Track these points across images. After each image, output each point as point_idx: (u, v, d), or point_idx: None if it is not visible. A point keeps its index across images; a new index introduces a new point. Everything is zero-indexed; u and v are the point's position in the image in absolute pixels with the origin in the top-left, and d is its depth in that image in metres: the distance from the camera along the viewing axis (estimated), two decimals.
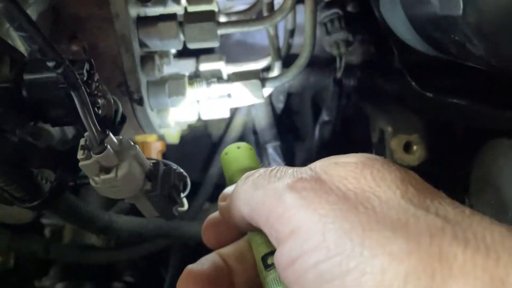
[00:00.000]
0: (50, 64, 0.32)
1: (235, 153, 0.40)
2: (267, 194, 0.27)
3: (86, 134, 0.36)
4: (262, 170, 0.29)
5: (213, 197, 0.87)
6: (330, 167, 0.26)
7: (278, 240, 0.25)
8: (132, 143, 0.38)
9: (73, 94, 0.33)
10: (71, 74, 0.33)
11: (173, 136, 0.68)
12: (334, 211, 0.23)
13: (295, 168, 0.28)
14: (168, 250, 0.88)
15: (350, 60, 0.69)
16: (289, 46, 0.65)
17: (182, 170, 0.44)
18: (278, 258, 0.25)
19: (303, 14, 0.51)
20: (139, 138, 0.68)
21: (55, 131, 0.47)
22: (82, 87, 0.33)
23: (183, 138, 0.74)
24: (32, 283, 0.79)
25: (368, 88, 0.77)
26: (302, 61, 0.51)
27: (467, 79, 0.36)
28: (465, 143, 0.74)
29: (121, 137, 0.38)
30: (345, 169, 0.26)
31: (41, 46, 0.31)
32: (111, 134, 0.36)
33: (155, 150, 0.68)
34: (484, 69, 0.43)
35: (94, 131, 0.35)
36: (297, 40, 0.66)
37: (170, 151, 0.75)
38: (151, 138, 0.67)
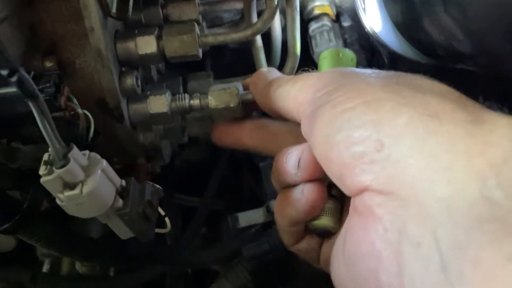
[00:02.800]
0: (4, 72, 0.30)
1: (334, 59, 0.41)
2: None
3: (50, 148, 0.35)
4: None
5: (209, 223, 0.83)
6: None
7: None
8: (100, 158, 0.36)
9: (30, 104, 0.31)
10: (27, 82, 0.31)
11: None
12: None
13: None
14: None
15: None
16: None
17: (158, 186, 0.41)
18: None
19: None
20: None
21: (30, 149, 0.45)
22: (40, 96, 0.32)
23: (175, 159, 0.72)
24: None
25: None
26: (286, 72, 0.49)
27: (461, 86, 0.33)
28: None
29: (88, 151, 0.36)
30: None
31: None
32: (75, 148, 0.34)
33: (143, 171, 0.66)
34: (475, 70, 0.41)
35: (56, 143, 0.33)
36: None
37: (159, 175, 0.73)
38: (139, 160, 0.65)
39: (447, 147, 0.26)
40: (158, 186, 0.44)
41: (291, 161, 0.38)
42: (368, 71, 0.34)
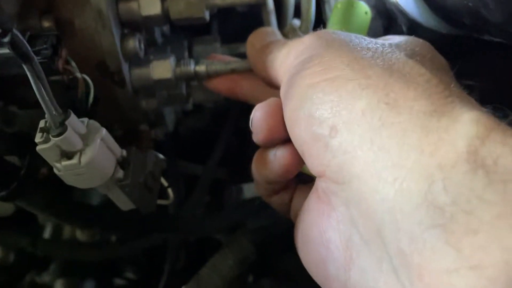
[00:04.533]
0: None
1: (347, 10, 0.39)
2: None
3: (46, 115, 0.32)
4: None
5: (213, 191, 0.82)
6: None
7: None
8: (99, 126, 0.34)
9: (24, 67, 0.29)
10: (21, 43, 0.29)
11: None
12: None
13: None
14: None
15: None
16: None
17: (161, 156, 0.40)
18: None
19: None
20: None
21: (27, 113, 0.43)
22: (35, 59, 0.29)
23: (178, 126, 0.70)
24: (32, 278, 0.76)
25: None
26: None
27: (483, 59, 0.31)
28: None
29: (86, 119, 0.34)
30: None
31: None
32: (73, 115, 0.32)
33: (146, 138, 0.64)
34: (503, 41, 0.38)
35: (53, 110, 0.31)
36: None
37: (163, 142, 0.71)
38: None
39: (398, 141, 0.24)
40: (160, 156, 0.42)
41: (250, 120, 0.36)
42: (351, 38, 0.32)
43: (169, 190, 0.43)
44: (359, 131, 0.26)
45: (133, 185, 0.36)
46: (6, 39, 0.28)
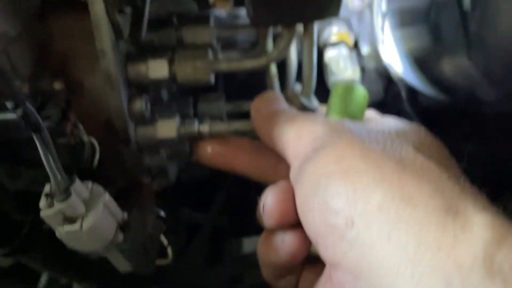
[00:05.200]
0: (9, 104, 0.29)
1: (346, 94, 0.40)
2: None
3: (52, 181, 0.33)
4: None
5: (213, 240, 0.82)
6: None
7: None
8: (103, 190, 0.35)
9: (34, 136, 0.30)
10: (32, 115, 0.30)
11: None
12: None
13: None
14: None
15: None
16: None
17: (162, 213, 0.40)
18: None
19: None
20: None
21: (33, 171, 0.44)
22: (45, 130, 0.31)
23: (181, 175, 0.71)
24: None
25: None
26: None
27: (481, 124, 0.32)
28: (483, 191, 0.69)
29: (91, 182, 0.35)
30: None
31: None
32: (78, 180, 0.33)
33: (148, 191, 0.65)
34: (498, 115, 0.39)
35: (59, 177, 0.32)
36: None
37: (165, 192, 0.72)
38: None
39: (415, 237, 0.25)
40: (161, 212, 0.42)
41: (261, 205, 0.36)
42: (359, 129, 0.33)
43: (169, 249, 0.43)
44: (376, 224, 0.26)
45: (132, 249, 0.36)
46: (19, 112, 0.29)
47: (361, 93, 0.40)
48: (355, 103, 0.40)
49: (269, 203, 0.35)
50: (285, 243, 0.35)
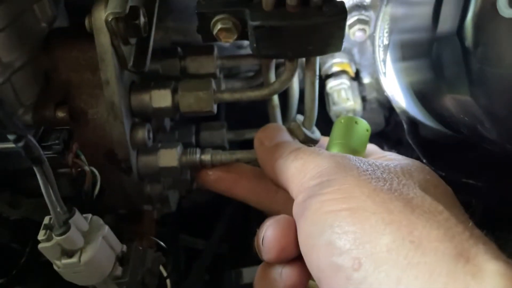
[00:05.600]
0: (11, 137, 0.29)
1: (348, 127, 0.40)
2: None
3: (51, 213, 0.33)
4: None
5: (212, 268, 0.81)
6: None
7: None
8: (102, 223, 0.35)
9: (35, 168, 0.30)
10: (33, 148, 0.30)
11: None
12: None
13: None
14: None
15: None
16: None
17: (163, 246, 0.40)
18: None
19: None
20: None
21: (33, 200, 0.44)
22: (46, 162, 0.31)
23: (182, 199, 0.70)
24: None
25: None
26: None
27: (483, 158, 0.31)
28: (483, 223, 0.68)
29: (90, 215, 0.35)
30: None
31: (1, 118, 0.28)
32: (78, 213, 0.33)
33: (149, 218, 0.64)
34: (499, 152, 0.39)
35: (58, 209, 0.32)
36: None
37: (166, 218, 0.71)
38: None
39: (425, 283, 0.24)
40: (161, 247, 0.42)
41: (261, 237, 0.36)
42: (364, 165, 0.33)
43: (168, 282, 0.43)
44: (385, 267, 0.26)
45: (130, 283, 0.36)
46: (21, 144, 0.29)
47: (363, 126, 0.41)
48: (357, 136, 0.40)
49: (269, 236, 0.34)
50: (283, 277, 0.34)
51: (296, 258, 0.34)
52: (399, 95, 0.51)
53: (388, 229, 0.27)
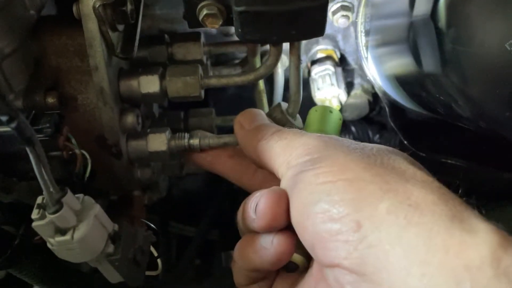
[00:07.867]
0: (3, 118, 0.30)
1: (323, 116, 0.42)
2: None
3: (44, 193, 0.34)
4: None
5: (203, 253, 0.83)
6: None
7: None
8: (94, 202, 0.36)
9: (27, 149, 0.31)
10: (26, 128, 0.31)
11: None
12: None
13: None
14: None
15: (344, 116, 0.68)
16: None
17: (151, 231, 0.41)
18: None
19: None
20: None
21: (26, 184, 0.45)
22: (38, 143, 0.32)
23: (172, 188, 0.72)
24: None
25: None
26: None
27: (461, 138, 0.33)
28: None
29: (82, 195, 0.36)
30: None
31: None
32: (69, 193, 0.34)
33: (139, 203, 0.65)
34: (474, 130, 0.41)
35: (51, 189, 0.33)
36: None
37: (156, 203, 0.72)
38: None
39: (425, 240, 0.26)
40: (151, 225, 0.43)
41: (252, 206, 0.37)
42: (351, 144, 0.34)
43: (159, 261, 0.44)
44: (385, 226, 0.27)
45: (122, 260, 0.37)
46: (13, 125, 0.30)
47: (337, 115, 0.42)
48: (332, 124, 0.42)
49: (263, 203, 0.35)
50: (274, 244, 0.35)
51: (285, 229, 0.35)
52: (380, 79, 0.53)
53: (386, 196, 0.29)
